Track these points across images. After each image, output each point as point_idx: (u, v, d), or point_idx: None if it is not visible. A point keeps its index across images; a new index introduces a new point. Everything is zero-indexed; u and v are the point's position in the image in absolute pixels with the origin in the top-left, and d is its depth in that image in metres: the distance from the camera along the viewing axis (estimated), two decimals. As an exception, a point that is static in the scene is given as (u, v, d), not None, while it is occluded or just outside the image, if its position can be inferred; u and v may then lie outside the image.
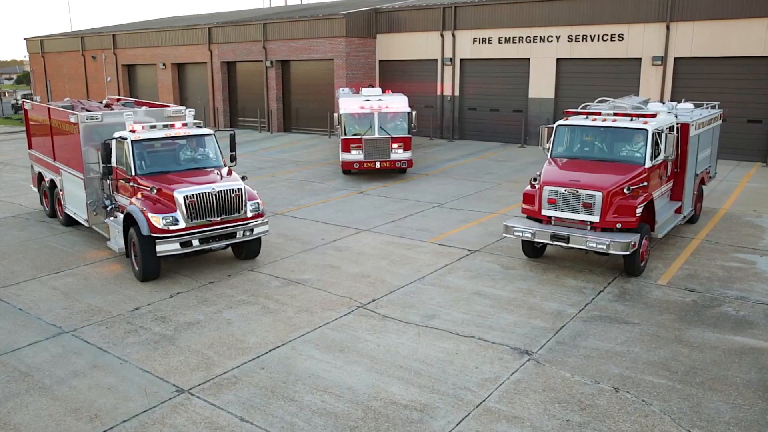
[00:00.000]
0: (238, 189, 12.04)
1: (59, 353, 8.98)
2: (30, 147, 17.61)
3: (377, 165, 20.48)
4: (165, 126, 12.85)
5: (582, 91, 26.33)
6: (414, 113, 21.10)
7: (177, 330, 9.69)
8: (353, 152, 20.58)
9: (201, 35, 38.45)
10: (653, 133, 12.03)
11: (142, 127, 12.66)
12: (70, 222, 15.47)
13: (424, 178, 21.34)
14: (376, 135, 20.43)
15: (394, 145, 20.47)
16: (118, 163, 12.75)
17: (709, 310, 10.20)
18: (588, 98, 20.39)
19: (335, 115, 21.16)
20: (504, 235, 12.26)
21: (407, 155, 20.79)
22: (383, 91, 22.67)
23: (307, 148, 29.51)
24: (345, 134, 20.71)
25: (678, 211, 13.76)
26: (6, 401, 7.75)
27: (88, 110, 14.98)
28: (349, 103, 20.99)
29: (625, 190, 11.32)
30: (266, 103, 36.25)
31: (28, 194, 19.46)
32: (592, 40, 26.66)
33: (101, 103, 17.08)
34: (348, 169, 20.89)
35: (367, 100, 20.98)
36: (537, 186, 11.92)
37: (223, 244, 12.10)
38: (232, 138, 14.06)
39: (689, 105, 15.50)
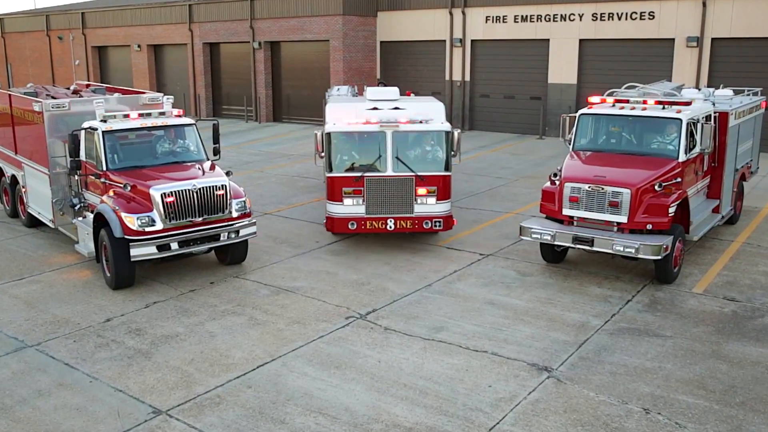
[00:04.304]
0: (222, 186, 12.05)
1: (21, 370, 8.99)
2: (-11, 139, 17.63)
3: (389, 225, 13.30)
4: (142, 114, 12.87)
5: (608, 76, 26.30)
6: (457, 133, 13.67)
7: (153, 344, 9.70)
8: (347, 201, 13.33)
9: (180, 13, 38.49)
10: (688, 123, 12.03)
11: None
12: (34, 223, 15.48)
13: (430, 173, 21.33)
14: (390, 172, 13.25)
15: (421, 190, 13.28)
16: (87, 156, 12.77)
17: (751, 321, 10.20)
18: (615, 84, 20.29)
19: (317, 134, 14.22)
20: (520, 237, 12.26)
21: (444, 208, 13.45)
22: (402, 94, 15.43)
23: (299, 140, 29.52)
24: (332, 169, 13.53)
25: (715, 210, 13.76)
26: (-38, 423, 7.77)
27: (54, 97, 14.98)
28: (342, 113, 13.95)
29: (656, 187, 11.32)
30: (254, 90, 36.28)
31: (-14, 191, 19.49)
32: (620, 19, 26.64)
33: (69, 89, 17.12)
34: (339, 231, 13.73)
35: (375, 108, 13.98)
36: (557, 182, 11.93)
37: (205, 247, 12.13)
38: (216, 128, 14.08)
39: (728, 92, 15.49)
